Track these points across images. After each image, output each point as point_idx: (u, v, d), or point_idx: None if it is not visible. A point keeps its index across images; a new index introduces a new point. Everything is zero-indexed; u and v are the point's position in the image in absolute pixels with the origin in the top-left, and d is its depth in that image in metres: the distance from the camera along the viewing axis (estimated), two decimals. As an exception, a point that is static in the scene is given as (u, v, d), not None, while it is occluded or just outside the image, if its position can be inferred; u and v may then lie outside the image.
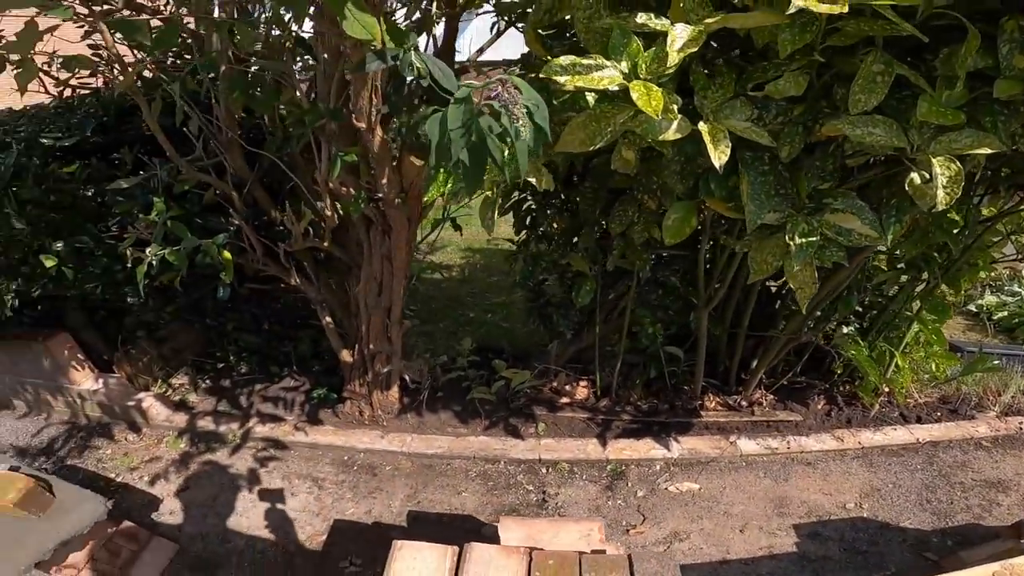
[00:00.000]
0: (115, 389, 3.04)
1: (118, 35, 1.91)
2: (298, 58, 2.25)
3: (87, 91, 2.67)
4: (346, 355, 2.64)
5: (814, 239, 1.45)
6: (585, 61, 1.22)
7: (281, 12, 1.90)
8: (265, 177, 2.50)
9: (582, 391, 3.10)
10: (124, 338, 2.96)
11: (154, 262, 1.93)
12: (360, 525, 2.57)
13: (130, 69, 1.73)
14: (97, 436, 3.07)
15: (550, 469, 2.77)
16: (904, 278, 2.71)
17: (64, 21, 2.06)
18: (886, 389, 3.10)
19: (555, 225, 2.64)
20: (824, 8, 0.97)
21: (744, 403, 3.10)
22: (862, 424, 2.99)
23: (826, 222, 1.50)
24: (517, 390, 2.99)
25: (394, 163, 1.77)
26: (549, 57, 1.95)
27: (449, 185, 1.47)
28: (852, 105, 1.20)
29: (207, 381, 3.24)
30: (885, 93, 1.21)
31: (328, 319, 2.58)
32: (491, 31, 2.37)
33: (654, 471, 2.75)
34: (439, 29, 2.21)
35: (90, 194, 2.31)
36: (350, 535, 2.52)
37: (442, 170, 1.66)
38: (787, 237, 1.45)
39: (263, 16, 2.08)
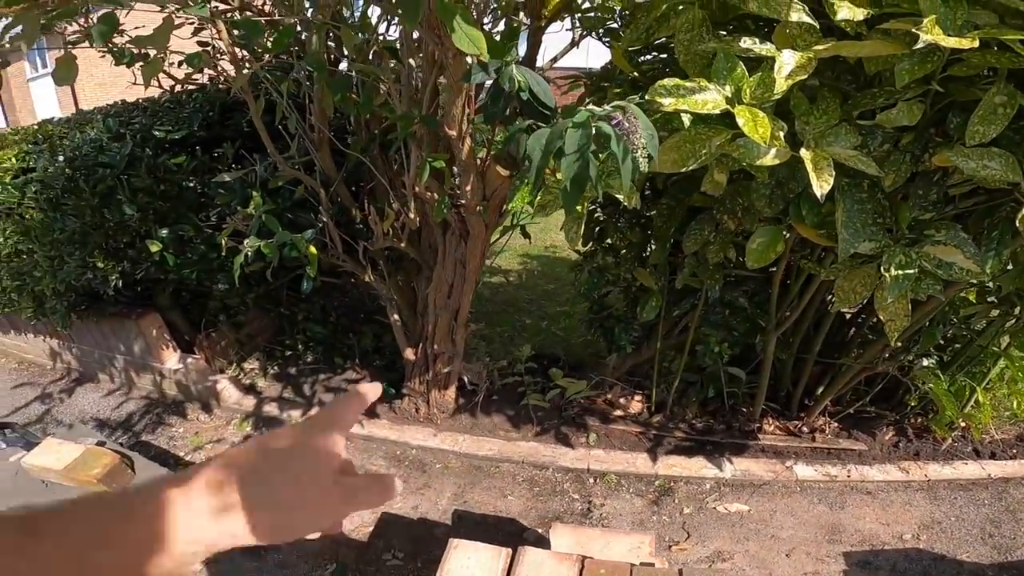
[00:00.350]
0: (193, 370, 3.25)
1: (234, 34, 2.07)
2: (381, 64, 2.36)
3: (194, 87, 2.88)
4: (410, 353, 2.72)
5: (911, 271, 1.40)
6: (688, 84, 1.23)
7: (370, 17, 2.01)
8: (348, 177, 2.63)
9: (636, 405, 3.07)
10: (207, 321, 3.15)
11: (249, 254, 2.06)
12: (406, 519, 2.64)
13: (246, 69, 1.86)
14: (172, 414, 3.28)
15: (598, 480, 2.77)
16: (995, 313, 2.56)
17: (189, 22, 2.24)
18: (962, 424, 2.95)
19: (624, 239, 2.64)
20: (952, 43, 0.95)
21: (805, 429, 3.00)
22: (931, 457, 2.85)
23: (925, 254, 1.45)
24: (571, 399, 3.00)
25: (479, 172, 1.83)
26: (636, 74, 1.99)
27: (538, 197, 1.51)
28: (969, 136, 1.16)
29: (275, 367, 3.41)
30: (1005, 125, 1.16)
31: (396, 317, 2.67)
32: (571, 43, 2.41)
33: (703, 490, 2.70)
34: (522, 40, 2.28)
35: (193, 185, 2.49)
36: (395, 528, 2.59)
37: (528, 182, 1.70)
38: (882, 268, 1.40)
39: (351, 21, 2.20)
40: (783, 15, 1.21)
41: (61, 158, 2.45)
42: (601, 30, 2.08)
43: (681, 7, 1.44)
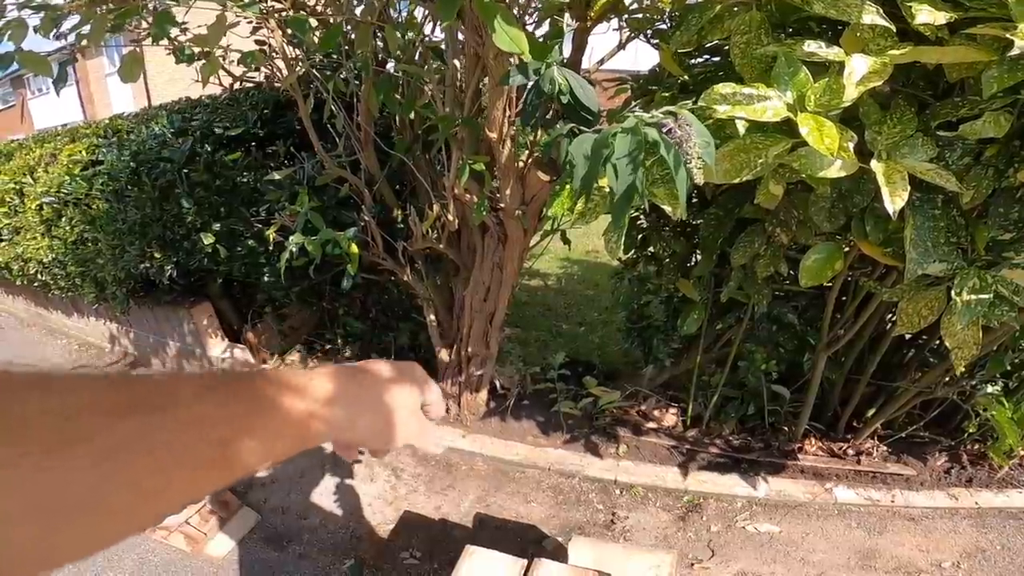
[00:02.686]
0: (239, 359, 3.33)
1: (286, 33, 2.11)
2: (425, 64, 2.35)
3: (252, 85, 2.95)
4: (444, 354, 2.70)
5: (986, 296, 1.26)
6: (746, 90, 1.15)
7: (417, 17, 1.99)
8: (390, 177, 2.63)
9: (671, 418, 2.96)
10: (253, 312, 3.23)
11: (294, 250, 2.08)
12: (427, 519, 2.61)
13: (297, 67, 1.88)
14: (218, 399, 3.38)
15: (624, 491, 2.67)
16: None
17: (241, 19, 2.29)
18: (1021, 452, 2.70)
19: (668, 248, 2.54)
20: (1053, 46, 0.84)
21: (851, 451, 2.82)
22: (984, 485, 2.65)
23: (1002, 278, 1.31)
24: (603, 409, 2.91)
25: (518, 176, 1.78)
26: (686, 77, 1.89)
27: (580, 204, 1.45)
28: (1065, 152, 1.03)
29: (315, 361, 3.46)
30: (1106, 140, 1.02)
31: (432, 317, 2.66)
32: (618, 46, 2.33)
33: (734, 508, 2.57)
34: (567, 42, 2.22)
35: (246, 181, 2.55)
36: (415, 527, 2.56)
37: (568, 187, 1.64)
38: (953, 292, 1.27)
39: (398, 20, 2.19)
40: (853, 17, 1.11)
41: (127, 152, 2.55)
42: (649, 31, 2.00)
43: (736, 8, 1.35)
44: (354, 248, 2.17)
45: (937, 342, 2.68)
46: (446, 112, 1.73)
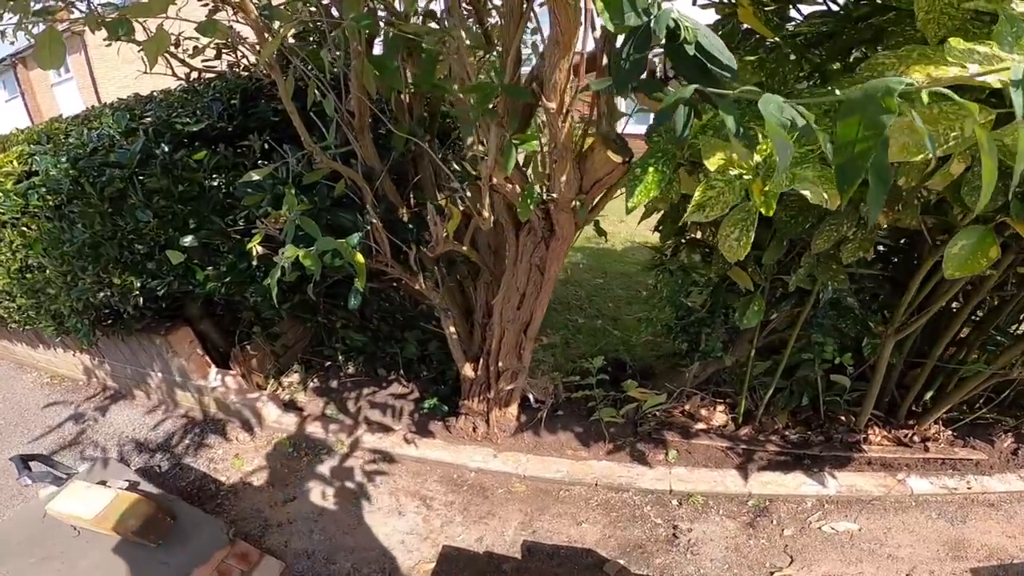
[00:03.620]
0: (231, 386, 2.86)
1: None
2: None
3: (212, 74, 2.43)
4: (468, 369, 2.29)
5: None
6: (981, 48, 0.78)
7: None
8: (391, 170, 2.17)
9: (720, 416, 2.61)
10: (241, 333, 2.75)
11: (286, 266, 1.62)
12: (470, 553, 2.24)
13: (272, 37, 1.40)
14: (211, 433, 2.91)
15: (682, 502, 2.35)
16: None
17: (203, 4, 1.76)
18: None
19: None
20: None
21: (916, 439, 2.54)
22: None
23: None
24: (646, 413, 2.55)
25: (576, 158, 1.35)
26: (776, 37, 1.48)
27: (700, 193, 1.03)
28: None
29: (315, 380, 3.01)
30: None
31: (452, 329, 2.23)
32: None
33: (804, 508, 2.31)
34: None
35: (217, 184, 2.06)
36: (459, 564, 2.20)
37: (652, 170, 1.22)
38: None
39: None
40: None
41: (64, 159, 2.02)
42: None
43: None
44: (359, 258, 1.72)
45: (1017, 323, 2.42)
46: (480, 79, 1.29)
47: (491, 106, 1.27)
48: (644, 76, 1.02)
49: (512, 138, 1.27)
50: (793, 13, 1.61)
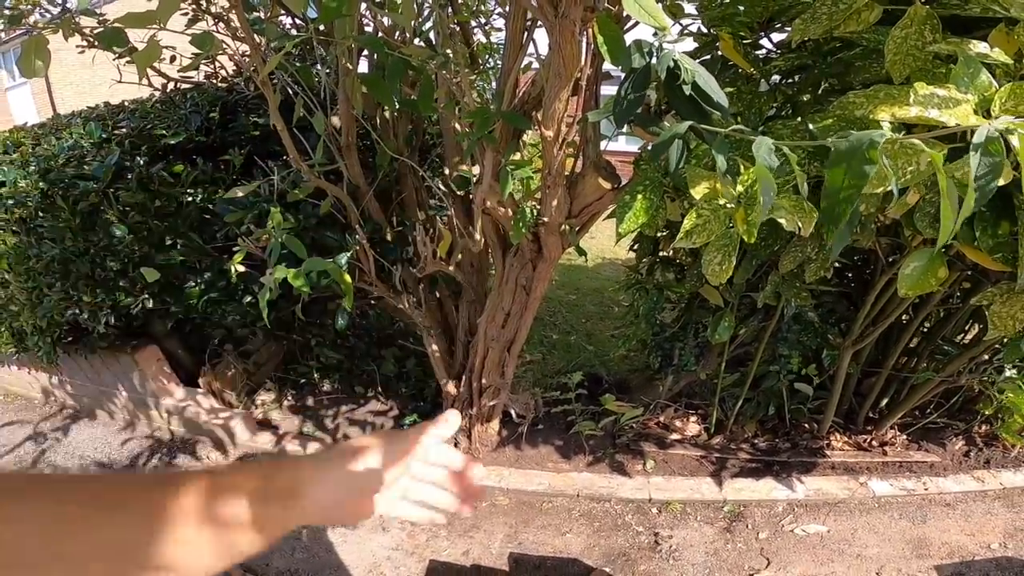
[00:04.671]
0: (201, 405, 2.74)
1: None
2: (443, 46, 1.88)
3: (189, 86, 2.35)
4: (451, 387, 2.27)
5: None
6: (940, 91, 0.86)
7: None
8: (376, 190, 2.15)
9: (693, 427, 2.68)
10: (210, 352, 2.65)
11: (273, 287, 1.58)
12: (457, 567, 2.21)
13: (264, 51, 1.37)
14: (181, 453, 2.77)
15: (661, 509, 2.40)
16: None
17: (182, 13, 1.72)
18: None
19: (690, 253, 2.24)
20: None
21: (875, 443, 2.68)
22: (1001, 465, 2.64)
23: None
24: (624, 425, 2.59)
25: (567, 183, 1.38)
26: (752, 70, 1.56)
27: (690, 220, 1.07)
28: None
29: (290, 398, 2.92)
30: None
31: (434, 347, 2.22)
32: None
33: (776, 512, 2.39)
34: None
35: (194, 200, 1.98)
36: (446, 577, 2.16)
37: (641, 197, 1.26)
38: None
39: None
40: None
41: (33, 170, 1.91)
42: (719, 20, 1.63)
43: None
44: (347, 278, 1.69)
45: (962, 333, 2.60)
46: (479, 105, 1.30)
47: (489, 131, 1.29)
48: (640, 111, 1.06)
49: (507, 164, 1.28)
50: (764, 42, 1.71)
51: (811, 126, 1.11)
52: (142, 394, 2.81)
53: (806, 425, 2.73)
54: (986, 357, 2.35)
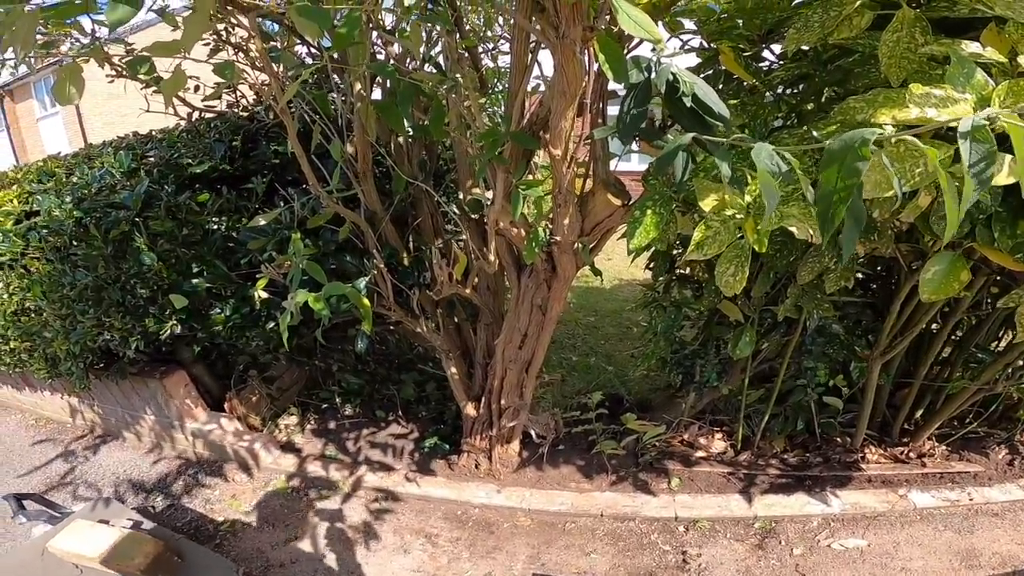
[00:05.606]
0: (227, 428, 2.78)
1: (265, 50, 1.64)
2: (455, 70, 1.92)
3: (211, 114, 2.44)
4: (470, 408, 2.26)
5: None
6: (937, 92, 0.85)
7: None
8: (393, 215, 2.19)
9: (719, 444, 2.61)
10: (236, 378, 2.69)
11: (295, 312, 1.60)
12: (480, 590, 2.17)
13: (284, 80, 1.42)
14: (207, 474, 2.80)
15: (688, 527, 2.33)
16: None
17: (203, 43, 1.79)
18: None
19: (707, 270, 2.21)
20: None
21: (913, 455, 2.57)
22: None
23: None
24: (647, 444, 2.53)
25: (578, 201, 1.38)
26: (755, 81, 1.56)
27: (700, 232, 1.06)
28: None
29: (313, 422, 2.94)
30: None
31: (453, 370, 2.22)
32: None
33: (811, 528, 2.29)
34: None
35: (219, 228, 2.04)
36: (469, 602, 2.11)
37: (650, 213, 1.26)
38: None
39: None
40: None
41: (68, 199, 2.00)
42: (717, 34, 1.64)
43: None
44: (366, 302, 1.71)
45: (997, 339, 2.49)
46: (488, 126, 1.32)
47: (499, 152, 1.30)
48: (644, 125, 1.06)
49: (518, 184, 1.29)
50: (766, 54, 1.71)
51: (815, 133, 1.09)
52: (169, 418, 2.87)
53: (838, 439, 2.63)
54: (1022, 363, 2.25)
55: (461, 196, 2.03)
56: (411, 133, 2.22)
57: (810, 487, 2.41)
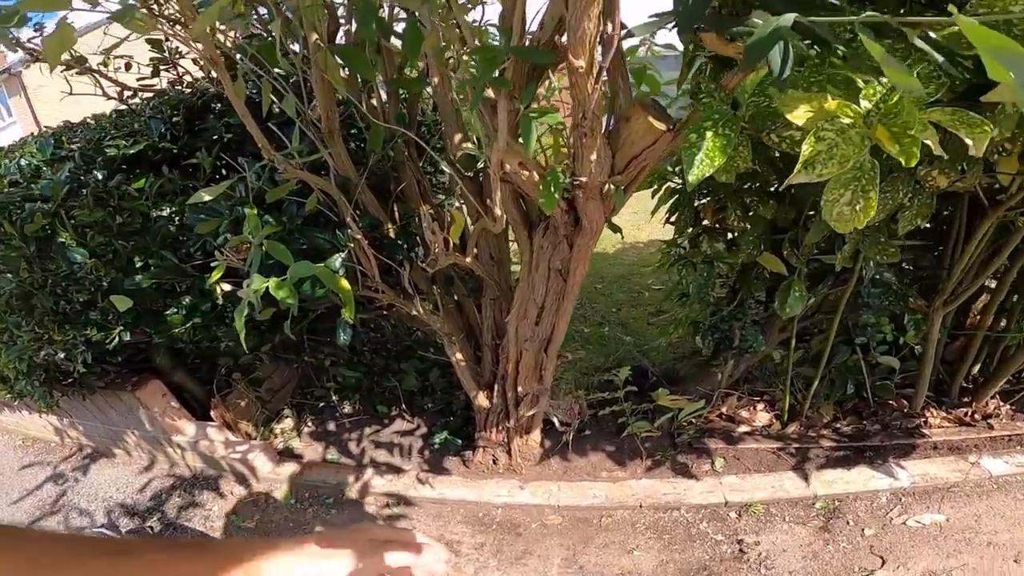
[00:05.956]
0: (217, 439, 2.46)
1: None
2: None
3: (150, 93, 2.06)
4: (482, 398, 1.93)
5: None
6: None
7: None
8: (369, 178, 1.82)
9: (762, 416, 2.30)
10: (219, 382, 2.36)
11: (255, 301, 1.26)
12: (513, 601, 1.89)
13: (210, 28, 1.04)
14: (202, 489, 2.50)
15: (741, 513, 2.04)
16: None
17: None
18: None
19: (746, 218, 1.86)
20: None
21: (978, 417, 2.25)
22: None
23: None
24: (683, 422, 2.22)
25: (606, 131, 1.01)
26: None
27: (809, 146, 0.70)
28: None
29: (310, 424, 2.62)
30: None
31: (459, 356, 1.88)
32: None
33: (879, 504, 2.01)
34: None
35: (165, 214, 1.68)
36: (502, 612, 1.84)
37: (712, 134, 0.90)
38: None
39: None
40: None
41: (-19, 199, 1.62)
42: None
43: None
44: (344, 283, 1.36)
45: None
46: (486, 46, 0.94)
47: (498, 74, 0.93)
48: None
49: (526, 110, 0.92)
50: None
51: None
52: (153, 431, 2.55)
53: (892, 403, 2.31)
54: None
55: (452, 155, 1.66)
56: (387, 86, 1.84)
57: (871, 459, 2.10)
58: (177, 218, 1.69)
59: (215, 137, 1.85)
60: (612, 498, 2.08)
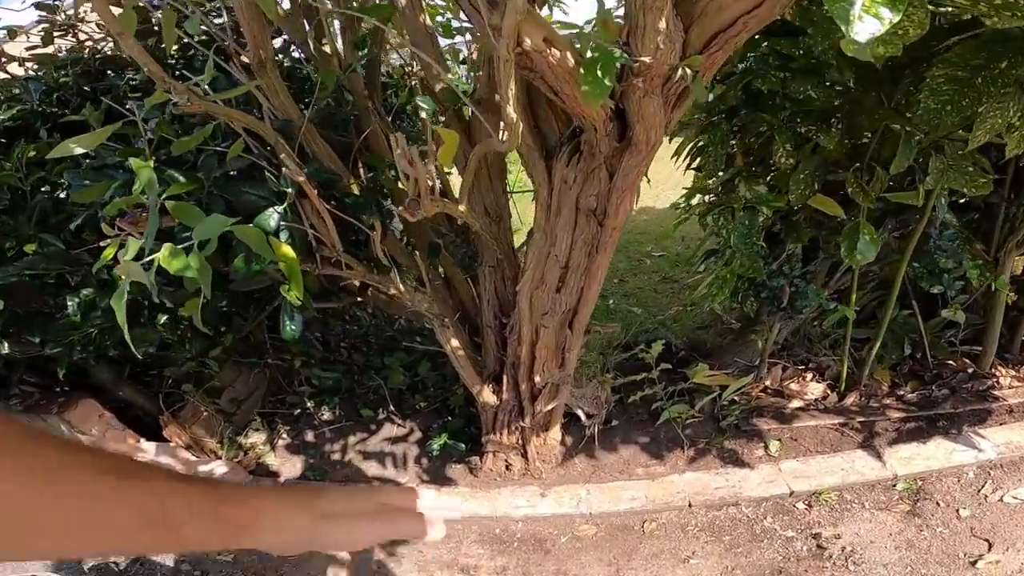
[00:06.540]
0: (171, 460, 2.01)
1: None
2: None
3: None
4: (488, 394, 1.50)
5: None
6: None
7: None
8: (321, 123, 1.36)
9: (815, 387, 1.92)
10: (168, 395, 1.91)
11: (150, 282, 0.82)
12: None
13: None
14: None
15: (811, 503, 1.67)
16: None
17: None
18: None
19: (791, 154, 1.48)
20: None
21: None
22: None
23: None
24: (727, 401, 1.83)
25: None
26: None
27: None
28: None
29: (285, 436, 2.17)
30: None
31: (455, 342, 1.43)
32: None
33: (967, 481, 1.68)
34: None
35: (45, 189, 1.21)
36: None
37: None
38: None
39: None
40: None
41: None
42: None
43: None
44: (286, 250, 0.92)
45: None
46: None
47: None
48: None
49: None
50: None
51: None
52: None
53: (951, 363, 1.96)
54: None
55: (435, 89, 1.22)
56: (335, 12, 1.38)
57: (946, 429, 1.73)
58: (63, 192, 1.22)
59: (120, 97, 1.38)
60: (654, 498, 1.69)
